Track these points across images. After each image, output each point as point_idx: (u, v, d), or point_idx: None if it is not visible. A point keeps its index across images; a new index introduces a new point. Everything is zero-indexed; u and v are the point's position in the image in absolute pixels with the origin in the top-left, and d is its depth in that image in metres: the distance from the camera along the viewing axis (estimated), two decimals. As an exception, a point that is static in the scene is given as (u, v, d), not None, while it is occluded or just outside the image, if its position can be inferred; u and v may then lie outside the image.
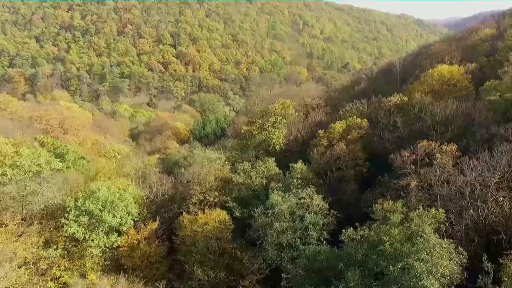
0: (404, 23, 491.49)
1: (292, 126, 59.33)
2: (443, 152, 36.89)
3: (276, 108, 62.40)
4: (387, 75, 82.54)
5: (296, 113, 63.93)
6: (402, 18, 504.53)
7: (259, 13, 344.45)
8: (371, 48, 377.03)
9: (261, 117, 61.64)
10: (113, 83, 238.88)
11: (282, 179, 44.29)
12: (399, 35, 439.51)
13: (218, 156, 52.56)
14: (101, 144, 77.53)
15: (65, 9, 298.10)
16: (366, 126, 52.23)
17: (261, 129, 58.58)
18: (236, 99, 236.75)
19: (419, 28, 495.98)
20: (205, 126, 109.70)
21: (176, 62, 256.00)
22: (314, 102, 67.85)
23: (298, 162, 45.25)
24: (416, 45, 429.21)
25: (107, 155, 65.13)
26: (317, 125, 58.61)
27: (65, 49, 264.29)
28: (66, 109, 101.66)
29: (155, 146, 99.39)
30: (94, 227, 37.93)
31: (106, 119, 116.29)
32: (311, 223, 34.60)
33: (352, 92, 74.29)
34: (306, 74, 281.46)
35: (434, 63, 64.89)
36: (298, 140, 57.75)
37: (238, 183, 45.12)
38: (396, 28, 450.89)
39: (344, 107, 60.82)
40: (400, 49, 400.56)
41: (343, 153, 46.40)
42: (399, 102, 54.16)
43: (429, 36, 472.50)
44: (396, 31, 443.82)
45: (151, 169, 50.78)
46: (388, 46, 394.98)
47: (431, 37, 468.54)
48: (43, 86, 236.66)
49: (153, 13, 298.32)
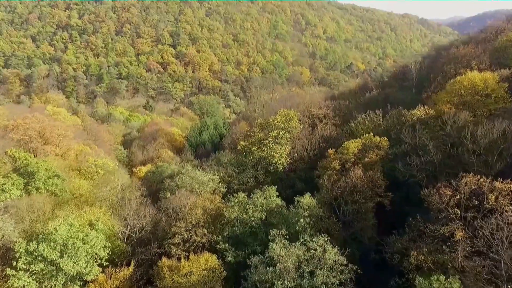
0: (408, 22, 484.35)
1: (296, 141, 51.08)
2: (499, 191, 28.07)
3: (278, 120, 54.10)
4: (399, 79, 74.68)
5: (301, 126, 55.89)
6: (406, 18, 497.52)
7: (260, 12, 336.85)
8: (375, 48, 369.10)
9: (261, 129, 53.61)
10: (110, 84, 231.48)
11: (285, 216, 36.11)
12: (403, 35, 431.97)
13: (211, 177, 44.95)
14: (85, 155, 70.03)
15: (62, 8, 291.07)
16: (386, 145, 43.72)
17: (261, 144, 50.45)
18: (237, 101, 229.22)
19: (423, 28, 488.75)
20: (201, 133, 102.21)
21: (175, 62, 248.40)
22: (321, 112, 59.45)
23: (305, 196, 37.11)
24: (420, 45, 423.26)
25: (88, 170, 57.68)
26: (326, 140, 50.48)
27: (61, 49, 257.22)
28: (53, 115, 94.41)
29: (148, 155, 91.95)
30: (50, 276, 30.34)
31: (97, 125, 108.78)
32: (324, 283, 26.66)
33: (363, 99, 66.31)
34: (308, 74, 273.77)
35: (459, 68, 56.81)
36: (304, 158, 49.59)
37: (231, 219, 36.98)
38: (400, 28, 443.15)
39: (355, 118, 52.93)
40: (404, 49, 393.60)
41: (360, 181, 37.83)
42: (424, 116, 45.72)
43: (433, 36, 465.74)
44: (400, 31, 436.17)
45: (132, 192, 43.13)
46: (392, 46, 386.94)
47: (436, 37, 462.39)
48: (39, 87, 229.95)
49: (152, 12, 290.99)
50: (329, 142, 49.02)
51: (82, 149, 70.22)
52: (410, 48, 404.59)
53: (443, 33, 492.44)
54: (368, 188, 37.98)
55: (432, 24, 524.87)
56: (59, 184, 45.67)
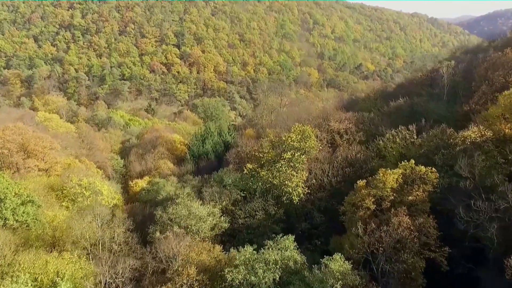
0: (417, 22, 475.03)
1: (314, 164, 42.81)
2: None
3: (293, 138, 44.50)
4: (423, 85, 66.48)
5: (319, 143, 47.02)
6: (415, 17, 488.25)
7: (267, 11, 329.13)
8: (385, 48, 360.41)
9: (272, 147, 45.57)
10: (112, 85, 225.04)
11: (309, 284, 27.83)
12: (412, 35, 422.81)
13: (211, 211, 37.51)
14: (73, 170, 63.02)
15: (65, 8, 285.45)
16: (434, 178, 34.07)
17: (272, 167, 42.37)
18: (243, 103, 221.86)
19: (433, 27, 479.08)
20: (204, 141, 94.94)
21: (179, 63, 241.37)
22: (342, 127, 50.78)
23: (336, 257, 28.29)
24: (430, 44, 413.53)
25: (71, 191, 50.59)
26: (351, 163, 42.42)
27: (64, 49, 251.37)
28: (44, 121, 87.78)
29: (146, 166, 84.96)
30: None
31: (93, 131, 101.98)
32: None
33: (386, 109, 57.95)
34: (317, 75, 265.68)
35: (511, 75, 48.35)
36: (324, 186, 41.52)
37: (235, 285, 28.53)
38: (410, 27, 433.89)
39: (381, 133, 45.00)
40: (414, 49, 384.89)
41: (407, 232, 28.72)
42: (479, 139, 35.72)
43: (444, 35, 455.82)
44: (410, 30, 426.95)
45: (114, 230, 35.74)
46: (402, 46, 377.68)
47: (446, 37, 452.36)
48: (40, 88, 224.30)
49: (157, 11, 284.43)
50: (355, 166, 40.91)
51: (70, 162, 63.15)
52: (420, 48, 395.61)
53: (454, 32, 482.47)
54: (415, 237, 29.08)
55: (442, 24, 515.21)
56: (31, 213, 38.51)
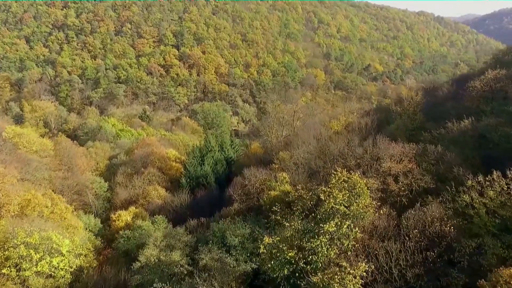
0: (424, 20, 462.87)
1: (372, 242, 25.08)
2: None
3: (338, 197, 26.53)
4: (484, 98, 52.18)
5: (373, 203, 28.84)
6: (422, 16, 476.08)
7: (270, 10, 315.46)
8: (392, 47, 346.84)
9: (301, 209, 27.43)
10: (107, 89, 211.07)
11: None
12: (420, 34, 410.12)
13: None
14: (34, 207, 49.36)
15: (59, 7, 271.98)
16: None
17: (304, 243, 24.79)
18: (246, 108, 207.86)
19: (440, 26, 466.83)
20: (203, 158, 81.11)
21: (178, 65, 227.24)
22: (401, 168, 34.26)
23: None
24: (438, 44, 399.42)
25: (17, 252, 37.11)
26: (435, 242, 24.51)
27: (56, 50, 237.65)
28: (13, 138, 73.89)
29: (134, 191, 71.24)
30: None
31: (75, 147, 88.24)
32: None
33: (445, 133, 42.74)
34: (323, 77, 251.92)
35: None
36: (391, 279, 23.72)
37: None
38: (416, 26, 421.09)
39: (453, 173, 30.79)
40: (422, 48, 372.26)
41: None
42: None
43: (451, 35, 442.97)
44: (417, 29, 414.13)
45: None
46: (410, 46, 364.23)
47: (453, 36, 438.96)
48: (30, 92, 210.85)
49: (155, 10, 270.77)
50: (440, 245, 24.99)
51: (30, 198, 49.37)
52: (429, 47, 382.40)
53: (461, 31, 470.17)
54: None
55: (448, 22, 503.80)
56: None
